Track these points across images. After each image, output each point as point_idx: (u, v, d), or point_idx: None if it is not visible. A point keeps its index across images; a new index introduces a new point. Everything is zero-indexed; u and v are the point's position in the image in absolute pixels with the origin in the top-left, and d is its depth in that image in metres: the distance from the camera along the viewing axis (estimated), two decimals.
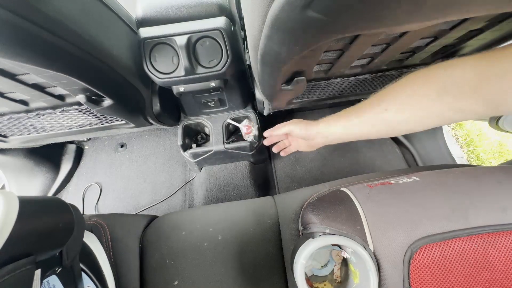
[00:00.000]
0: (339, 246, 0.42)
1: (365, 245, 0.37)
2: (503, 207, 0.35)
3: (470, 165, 0.51)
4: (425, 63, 0.59)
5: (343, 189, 0.46)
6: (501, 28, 0.41)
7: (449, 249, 0.34)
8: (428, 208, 0.37)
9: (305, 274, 0.43)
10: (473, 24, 0.40)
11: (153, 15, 0.64)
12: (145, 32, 0.64)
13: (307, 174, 1.11)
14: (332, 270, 0.45)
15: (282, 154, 0.65)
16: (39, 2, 0.39)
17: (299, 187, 1.07)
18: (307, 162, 1.14)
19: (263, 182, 1.11)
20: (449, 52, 0.53)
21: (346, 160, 1.13)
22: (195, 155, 0.96)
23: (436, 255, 0.34)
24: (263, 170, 1.13)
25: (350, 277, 0.43)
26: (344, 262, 0.45)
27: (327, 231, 0.40)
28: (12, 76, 0.54)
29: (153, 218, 0.62)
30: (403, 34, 0.41)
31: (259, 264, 0.50)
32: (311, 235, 0.41)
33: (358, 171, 1.11)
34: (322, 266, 0.46)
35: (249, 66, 0.76)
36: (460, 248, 0.34)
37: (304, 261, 0.38)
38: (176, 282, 0.49)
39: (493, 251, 0.34)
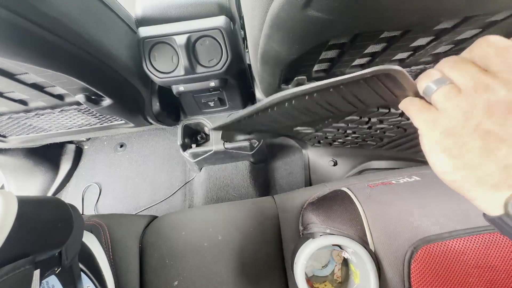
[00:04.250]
0: (340, 246, 0.41)
1: (366, 245, 0.37)
2: None
3: None
4: (426, 62, 0.59)
5: (344, 189, 0.46)
6: (501, 27, 0.41)
7: (450, 249, 0.34)
8: (429, 208, 0.37)
9: (306, 274, 0.43)
10: (474, 24, 0.40)
11: (152, 14, 0.64)
12: (144, 31, 0.64)
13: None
14: (333, 271, 0.45)
15: None
16: (38, 1, 0.39)
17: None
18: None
19: (263, 182, 1.11)
20: (450, 52, 0.53)
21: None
22: (195, 155, 0.95)
23: (437, 255, 0.34)
24: (263, 170, 1.13)
25: (350, 277, 0.43)
26: (345, 262, 0.45)
27: (328, 231, 0.40)
28: (11, 76, 0.54)
29: (152, 218, 0.62)
30: (404, 33, 0.41)
31: (259, 264, 0.50)
32: (311, 235, 0.41)
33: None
34: (322, 267, 0.46)
35: (249, 65, 0.76)
36: (461, 248, 0.34)
37: (305, 261, 0.38)
38: (176, 283, 0.48)
39: (494, 251, 0.34)
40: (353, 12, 0.27)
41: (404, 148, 0.65)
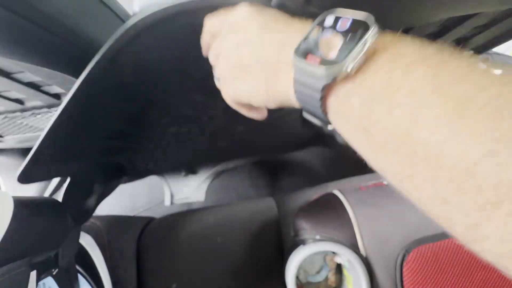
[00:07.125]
0: (333, 251, 0.41)
1: (356, 251, 0.37)
2: None
3: None
4: None
5: (335, 192, 0.45)
6: (504, 25, 0.41)
7: (441, 250, 0.33)
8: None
9: (299, 281, 0.43)
10: (477, 21, 0.39)
11: None
12: None
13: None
14: (327, 276, 0.44)
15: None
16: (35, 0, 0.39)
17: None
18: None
19: (264, 183, 1.10)
20: None
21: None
22: None
23: (429, 257, 0.33)
24: (264, 171, 1.13)
25: (344, 283, 0.42)
26: (339, 267, 0.44)
27: (318, 237, 0.40)
28: (7, 75, 0.54)
29: (150, 220, 0.61)
30: (404, 31, 0.41)
31: (258, 266, 0.49)
32: (302, 242, 0.40)
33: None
34: (316, 272, 0.45)
35: None
36: (452, 248, 0.33)
37: (295, 269, 0.38)
38: (174, 285, 0.48)
39: None
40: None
41: None
